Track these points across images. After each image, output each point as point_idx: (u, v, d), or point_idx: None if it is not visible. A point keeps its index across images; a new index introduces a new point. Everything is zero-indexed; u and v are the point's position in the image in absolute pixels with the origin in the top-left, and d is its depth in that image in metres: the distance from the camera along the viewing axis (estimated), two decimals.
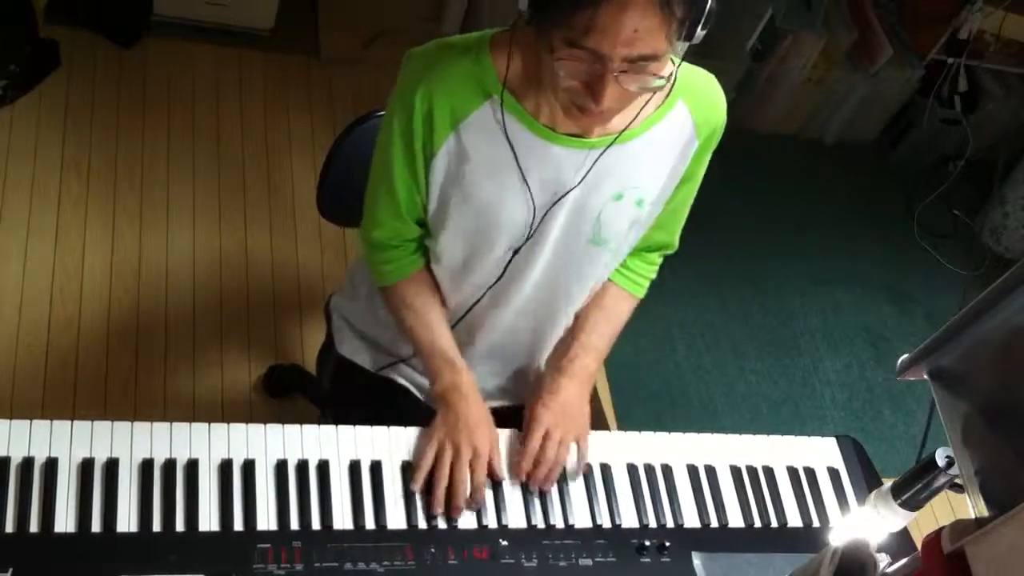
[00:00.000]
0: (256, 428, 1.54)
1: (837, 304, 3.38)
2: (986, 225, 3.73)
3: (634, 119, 1.47)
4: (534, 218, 1.53)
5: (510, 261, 1.59)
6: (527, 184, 1.50)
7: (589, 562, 1.53)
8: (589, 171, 1.49)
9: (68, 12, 3.11)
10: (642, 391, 2.95)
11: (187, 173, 2.94)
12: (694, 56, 1.46)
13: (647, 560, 1.55)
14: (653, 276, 1.78)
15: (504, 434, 1.64)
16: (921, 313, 3.45)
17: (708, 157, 1.61)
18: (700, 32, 1.30)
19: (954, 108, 3.66)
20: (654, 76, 1.31)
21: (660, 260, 1.78)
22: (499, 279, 1.62)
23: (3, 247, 2.65)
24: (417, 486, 1.54)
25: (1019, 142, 3.71)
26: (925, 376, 1.31)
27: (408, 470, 1.56)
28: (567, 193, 1.51)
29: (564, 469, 1.61)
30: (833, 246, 3.53)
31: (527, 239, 1.56)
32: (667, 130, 1.52)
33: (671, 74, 1.36)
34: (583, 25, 1.24)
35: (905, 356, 1.33)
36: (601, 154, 1.49)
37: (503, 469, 1.59)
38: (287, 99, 3.21)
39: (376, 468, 1.55)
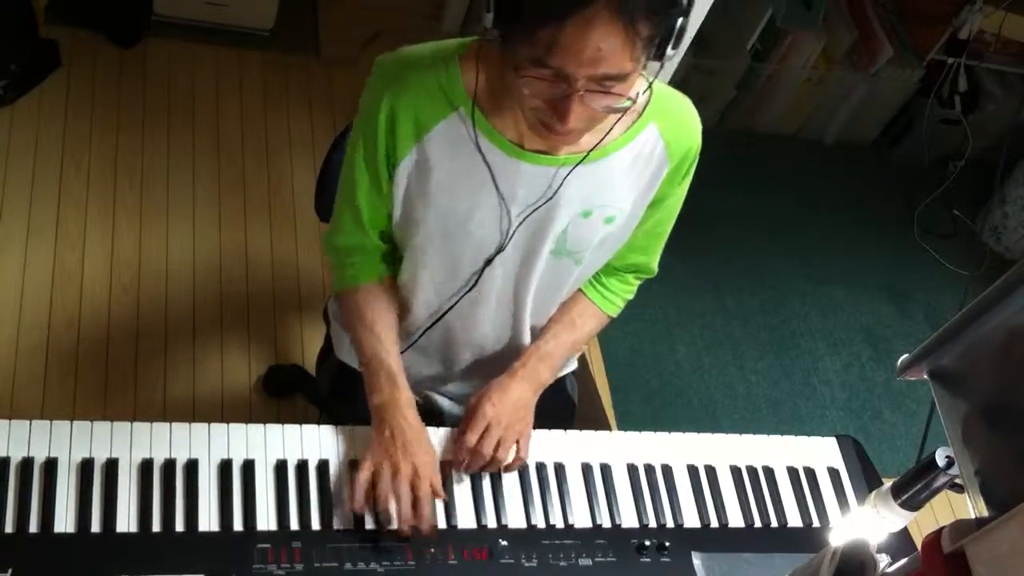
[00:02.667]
0: (256, 428, 1.54)
1: (837, 304, 3.38)
2: (986, 225, 3.72)
3: (603, 139, 1.45)
4: (510, 229, 1.51)
5: (480, 273, 1.57)
6: (503, 198, 1.48)
7: (589, 562, 1.53)
8: (558, 189, 1.47)
9: (68, 12, 3.10)
10: (642, 391, 2.94)
11: (187, 173, 2.94)
12: (694, 57, 1.46)
13: (647, 560, 1.56)
14: (629, 297, 1.76)
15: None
16: (921, 313, 3.45)
17: (685, 182, 1.58)
18: (671, 51, 1.28)
19: (954, 108, 3.66)
20: (620, 96, 1.28)
21: (637, 283, 1.76)
22: (471, 288, 1.59)
23: (3, 247, 2.65)
24: (356, 505, 1.47)
25: (1019, 142, 3.70)
26: (925, 376, 1.31)
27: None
28: (540, 207, 1.49)
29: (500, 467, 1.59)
30: (833, 246, 3.53)
31: (499, 250, 1.54)
32: (637, 151, 1.50)
33: (639, 95, 1.32)
34: (546, 43, 1.22)
35: (905, 356, 1.32)
36: (568, 174, 1.47)
37: (440, 488, 1.52)
38: (287, 99, 3.21)
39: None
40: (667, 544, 1.57)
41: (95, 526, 1.39)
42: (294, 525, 1.46)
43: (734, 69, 3.46)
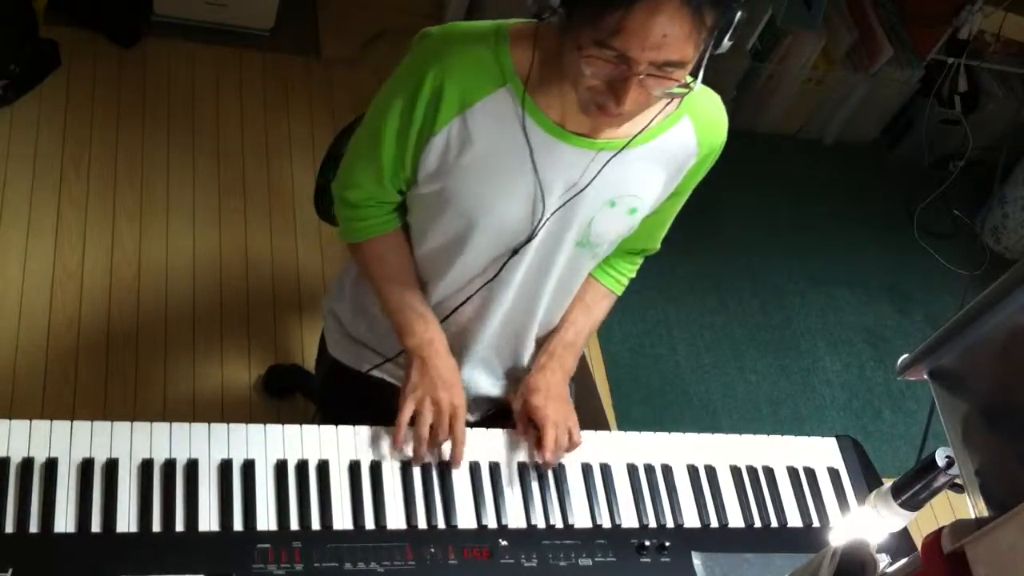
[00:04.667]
0: (256, 428, 1.53)
1: (837, 304, 3.38)
2: (986, 225, 3.72)
3: (646, 127, 1.47)
4: (543, 215, 1.52)
5: (506, 261, 1.58)
6: (539, 179, 1.49)
7: (589, 562, 1.53)
8: (598, 175, 1.49)
9: (68, 12, 3.11)
10: (642, 391, 2.94)
11: (187, 173, 2.94)
12: None
13: (647, 560, 1.56)
14: (633, 275, 1.79)
15: (498, 433, 1.65)
16: (921, 313, 3.45)
17: (702, 175, 1.61)
18: (726, 42, 1.31)
19: (954, 108, 3.66)
20: (676, 83, 1.31)
21: (641, 261, 1.79)
22: (495, 277, 1.60)
23: (3, 247, 2.65)
24: (399, 444, 1.55)
25: (1019, 142, 3.70)
26: (925, 376, 1.31)
27: (407, 470, 1.56)
28: (578, 193, 1.50)
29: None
30: (833, 246, 3.53)
31: (528, 239, 1.55)
32: (670, 143, 1.52)
33: (694, 83, 1.34)
34: (613, 26, 1.24)
35: (905, 356, 1.33)
36: (612, 158, 1.48)
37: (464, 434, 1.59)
38: (287, 99, 3.21)
39: (376, 468, 1.55)
40: (667, 544, 1.57)
41: (95, 526, 1.39)
42: (294, 525, 1.46)
43: (734, 69, 3.46)
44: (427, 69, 1.44)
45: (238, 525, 1.44)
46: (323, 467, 1.53)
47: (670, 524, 1.62)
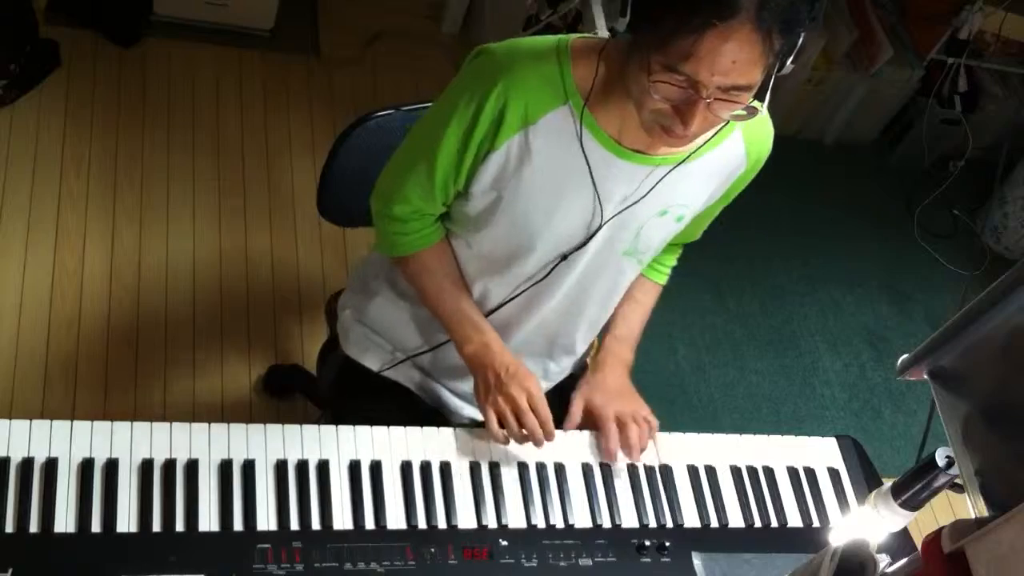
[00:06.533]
0: (256, 428, 1.53)
1: (837, 304, 3.37)
2: (986, 225, 3.72)
3: (703, 144, 1.48)
4: (600, 227, 1.54)
5: (556, 265, 1.60)
6: (598, 194, 1.50)
7: (589, 562, 1.53)
8: (652, 189, 1.51)
9: (68, 12, 3.11)
10: (642, 391, 2.93)
11: (187, 173, 2.94)
12: None
13: (647, 560, 1.56)
14: (675, 264, 1.84)
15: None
16: (921, 313, 3.45)
17: (748, 181, 1.64)
18: (790, 65, 1.31)
19: (954, 108, 3.66)
20: (741, 106, 1.32)
21: (681, 251, 1.84)
22: (542, 280, 1.62)
23: (3, 247, 2.65)
24: (507, 442, 1.60)
25: (1019, 142, 3.70)
26: (925, 376, 1.31)
27: (408, 470, 1.56)
28: (633, 205, 1.52)
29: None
30: (833, 246, 3.53)
31: (580, 246, 1.57)
32: (722, 156, 1.54)
33: (763, 106, 1.35)
34: (683, 51, 1.25)
35: (905, 356, 1.32)
36: (667, 173, 1.50)
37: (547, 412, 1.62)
38: (287, 99, 3.21)
39: (376, 468, 1.55)
40: (667, 544, 1.57)
41: (95, 526, 1.39)
42: (294, 525, 1.46)
43: None
44: (492, 86, 1.44)
45: (238, 525, 1.44)
46: (323, 467, 1.53)
47: (670, 524, 1.62)
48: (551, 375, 1.85)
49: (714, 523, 1.65)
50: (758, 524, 1.67)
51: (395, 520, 1.51)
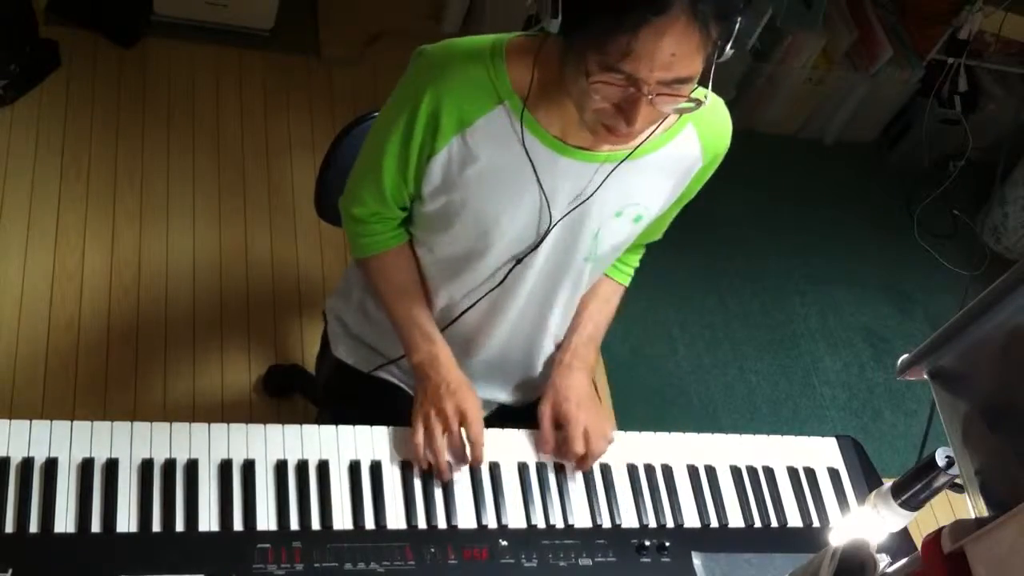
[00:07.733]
0: (256, 428, 1.54)
1: (837, 304, 3.37)
2: (986, 225, 3.72)
3: (646, 139, 1.46)
4: (549, 227, 1.52)
5: (511, 269, 1.59)
6: (544, 193, 1.49)
7: (589, 562, 1.53)
8: (601, 185, 1.49)
9: (68, 12, 3.11)
10: (642, 391, 2.94)
11: (187, 173, 2.94)
12: None
13: (647, 560, 1.56)
14: (638, 265, 1.81)
15: (498, 433, 1.64)
16: (921, 313, 3.45)
17: (707, 179, 1.62)
18: (728, 51, 1.30)
19: (954, 108, 3.66)
20: (685, 98, 1.30)
21: (643, 251, 1.81)
22: (498, 286, 1.61)
23: (3, 247, 2.65)
24: (421, 464, 1.55)
25: (1019, 142, 3.70)
26: (925, 376, 1.31)
27: (408, 470, 1.56)
28: (583, 203, 1.50)
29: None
30: (833, 246, 3.53)
31: (533, 248, 1.55)
32: (676, 152, 1.52)
33: (706, 97, 1.34)
34: (620, 50, 1.23)
35: (905, 356, 1.32)
36: (613, 170, 1.48)
37: (481, 436, 1.59)
38: (287, 99, 3.21)
39: (376, 468, 1.55)
40: (667, 544, 1.57)
41: (95, 526, 1.39)
42: (294, 525, 1.46)
43: (734, 69, 3.46)
44: (423, 90, 1.44)
45: (238, 525, 1.44)
46: (323, 467, 1.53)
47: (670, 524, 1.62)
48: (532, 387, 1.81)
49: (714, 523, 1.65)
50: (758, 524, 1.67)
51: (395, 520, 1.51)
